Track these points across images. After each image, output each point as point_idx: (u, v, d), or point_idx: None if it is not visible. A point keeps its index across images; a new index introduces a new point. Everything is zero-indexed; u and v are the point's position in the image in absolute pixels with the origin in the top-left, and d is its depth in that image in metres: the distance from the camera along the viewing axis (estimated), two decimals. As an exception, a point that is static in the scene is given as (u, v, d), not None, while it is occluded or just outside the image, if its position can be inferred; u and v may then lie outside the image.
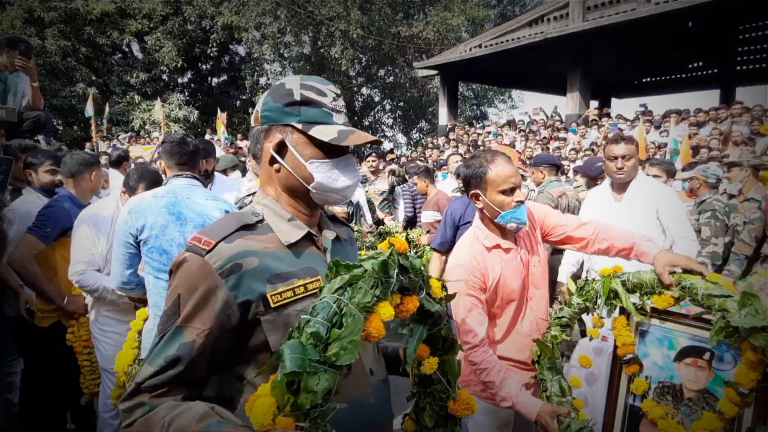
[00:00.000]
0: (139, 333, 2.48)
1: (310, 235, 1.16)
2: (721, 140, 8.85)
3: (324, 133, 1.09)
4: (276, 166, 1.13)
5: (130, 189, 2.74)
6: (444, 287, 1.25)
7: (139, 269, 2.37)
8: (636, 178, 3.04)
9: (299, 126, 1.11)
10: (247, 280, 1.03)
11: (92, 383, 2.96)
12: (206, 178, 3.70)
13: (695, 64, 19.23)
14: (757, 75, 17.14)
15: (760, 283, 2.04)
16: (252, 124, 1.19)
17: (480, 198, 1.94)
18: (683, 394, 1.58)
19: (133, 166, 5.51)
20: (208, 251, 1.03)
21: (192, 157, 2.50)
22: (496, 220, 1.93)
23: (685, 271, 1.54)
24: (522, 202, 1.90)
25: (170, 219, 2.25)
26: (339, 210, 4.57)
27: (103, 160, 6.18)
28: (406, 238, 4.05)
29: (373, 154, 6.31)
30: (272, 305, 1.04)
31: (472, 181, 1.95)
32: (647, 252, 1.73)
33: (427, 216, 4.99)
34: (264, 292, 1.04)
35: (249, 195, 3.08)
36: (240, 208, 2.99)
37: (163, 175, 2.59)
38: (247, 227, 1.10)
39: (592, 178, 4.70)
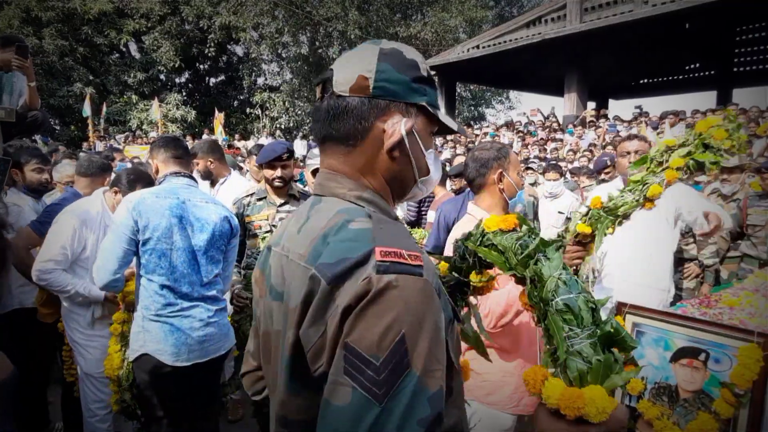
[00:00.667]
0: (121, 336, 2.47)
1: None
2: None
3: (449, 120, 0.93)
4: (395, 153, 0.88)
5: (125, 190, 2.64)
6: None
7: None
8: None
9: (430, 109, 0.90)
10: (444, 297, 0.83)
11: (68, 373, 2.96)
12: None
13: (692, 66, 19.30)
14: (754, 76, 17.20)
15: (756, 285, 2.05)
16: (346, 92, 0.86)
17: (504, 178, 2.02)
18: (679, 395, 1.59)
19: (118, 164, 5.48)
20: (423, 267, 0.76)
21: (187, 152, 2.46)
22: (511, 201, 2.05)
23: None
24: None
25: (174, 222, 2.20)
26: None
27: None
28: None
29: None
30: (461, 319, 0.90)
31: (495, 163, 2.02)
32: None
33: (432, 216, 4.99)
34: (454, 307, 0.87)
35: (248, 195, 3.05)
36: (239, 208, 2.98)
37: (155, 176, 2.51)
38: None
39: (598, 171, 5.20)
